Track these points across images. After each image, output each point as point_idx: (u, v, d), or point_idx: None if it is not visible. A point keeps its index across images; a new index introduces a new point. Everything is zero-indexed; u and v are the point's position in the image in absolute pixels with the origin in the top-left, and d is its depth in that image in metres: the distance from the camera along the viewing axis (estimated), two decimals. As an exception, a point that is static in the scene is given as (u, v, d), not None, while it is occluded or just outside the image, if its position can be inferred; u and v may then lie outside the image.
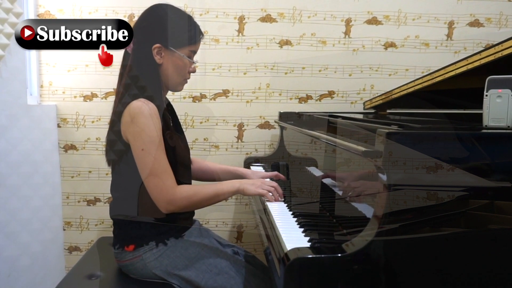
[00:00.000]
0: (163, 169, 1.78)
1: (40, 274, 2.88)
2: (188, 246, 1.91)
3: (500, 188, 1.30)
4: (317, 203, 1.97)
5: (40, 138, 2.92)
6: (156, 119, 1.79)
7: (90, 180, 3.17)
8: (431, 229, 1.29)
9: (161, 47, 1.89)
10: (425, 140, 1.33)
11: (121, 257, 1.92)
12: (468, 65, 1.84)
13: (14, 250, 2.63)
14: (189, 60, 1.95)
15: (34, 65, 3.03)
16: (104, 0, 3.03)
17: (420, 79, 2.26)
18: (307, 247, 1.34)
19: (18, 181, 2.75)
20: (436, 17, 3.13)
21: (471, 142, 1.33)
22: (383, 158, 1.28)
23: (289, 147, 2.85)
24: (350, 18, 3.12)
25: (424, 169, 1.29)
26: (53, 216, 3.08)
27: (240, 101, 3.16)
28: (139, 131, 1.76)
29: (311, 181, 2.23)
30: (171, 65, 1.92)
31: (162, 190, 1.78)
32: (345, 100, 3.19)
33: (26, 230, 2.73)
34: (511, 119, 1.47)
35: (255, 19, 3.09)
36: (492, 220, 1.29)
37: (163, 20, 1.92)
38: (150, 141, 1.76)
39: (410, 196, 1.30)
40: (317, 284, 1.15)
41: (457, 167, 1.29)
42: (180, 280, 1.86)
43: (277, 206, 1.83)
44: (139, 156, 1.78)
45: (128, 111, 1.79)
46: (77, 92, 3.10)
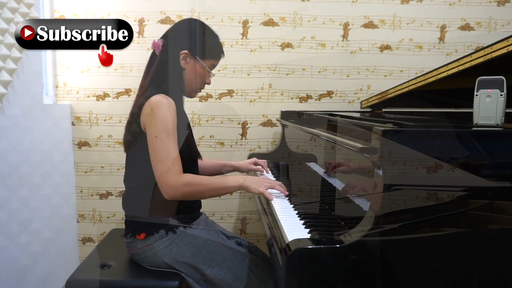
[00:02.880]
0: (171, 156, 1.79)
1: (55, 264, 2.89)
2: (195, 235, 1.92)
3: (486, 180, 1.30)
4: (317, 197, 1.97)
5: (56, 135, 2.92)
6: (173, 112, 1.84)
7: (103, 175, 3.18)
8: (425, 222, 1.29)
9: (188, 54, 1.97)
10: (418, 137, 1.33)
11: (132, 246, 1.93)
12: (459, 67, 1.84)
13: (30, 242, 2.64)
14: (208, 71, 2.03)
15: (49, 66, 3.04)
16: (116, 5, 3.03)
17: (414, 80, 2.26)
18: (307, 238, 1.35)
19: (39, 180, 2.77)
20: (429, 21, 3.13)
21: (462, 139, 1.33)
22: (379, 154, 1.29)
23: (290, 144, 2.85)
24: (348, 22, 3.12)
25: (418, 164, 1.29)
26: (68, 209, 3.09)
27: (244, 100, 3.16)
28: (155, 120, 1.79)
29: (311, 177, 2.23)
30: (193, 72, 2.00)
31: (166, 175, 1.78)
32: (343, 100, 3.19)
33: (39, 220, 2.73)
34: (500, 118, 1.47)
35: (258, 23, 3.09)
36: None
37: (194, 31, 2.01)
38: (164, 130, 1.79)
39: (405, 191, 1.30)
40: (317, 273, 1.16)
41: (449, 163, 1.29)
42: (188, 268, 1.87)
43: (279, 200, 1.83)
44: (152, 142, 1.80)
45: (149, 103, 1.82)
46: (90, 92, 3.10)
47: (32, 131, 2.68)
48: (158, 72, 1.95)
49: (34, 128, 2.70)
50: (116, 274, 1.92)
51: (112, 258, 2.04)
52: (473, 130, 1.44)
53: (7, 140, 2.48)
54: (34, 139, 2.71)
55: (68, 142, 3.07)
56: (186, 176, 1.82)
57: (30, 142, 2.67)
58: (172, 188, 1.78)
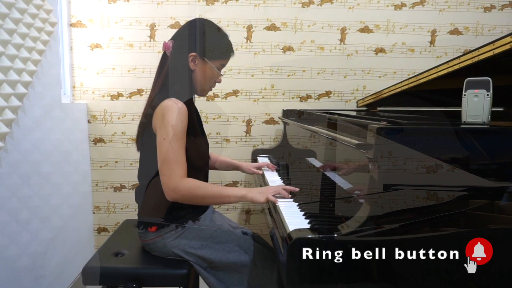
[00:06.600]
0: (176, 159, 1.76)
1: (73, 252, 2.90)
2: (203, 229, 1.91)
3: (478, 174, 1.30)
4: (316, 190, 1.97)
5: (73, 133, 2.93)
6: (184, 117, 1.80)
7: (117, 169, 3.19)
8: (419, 212, 1.30)
9: (196, 56, 1.90)
10: (411, 134, 1.34)
11: (144, 236, 1.93)
12: (448, 68, 1.84)
13: (49, 232, 2.64)
14: (217, 72, 1.96)
15: (67, 68, 3.05)
16: (129, 11, 3.04)
17: (407, 81, 2.26)
18: (307, 228, 1.35)
19: (59, 179, 2.78)
20: (421, 26, 3.12)
21: (451, 136, 1.34)
22: (374, 149, 1.29)
23: (292, 140, 2.85)
24: (345, 27, 3.12)
25: (410, 159, 1.30)
26: (84, 201, 3.11)
27: (248, 100, 3.16)
28: (165, 124, 1.75)
29: (311, 171, 2.23)
30: (201, 73, 1.93)
31: (170, 177, 1.76)
32: (341, 99, 3.19)
33: (57, 215, 2.74)
34: (487, 116, 1.47)
35: (261, 28, 3.09)
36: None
37: (202, 33, 1.94)
38: (173, 133, 1.75)
39: (399, 184, 1.30)
40: (316, 261, 1.16)
41: (439, 158, 1.29)
42: (196, 258, 1.87)
43: (283, 198, 1.81)
44: (160, 144, 1.77)
45: (160, 107, 1.79)
46: (105, 92, 3.11)
47: (51, 130, 2.69)
48: (168, 74, 1.91)
49: (53, 128, 2.71)
50: (129, 261, 1.92)
51: (125, 247, 2.04)
52: (462, 128, 1.44)
53: (29, 141, 2.49)
54: (53, 139, 2.71)
55: (84, 139, 3.08)
56: (189, 180, 1.79)
57: (50, 140, 2.67)
58: (173, 190, 1.76)
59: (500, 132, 1.43)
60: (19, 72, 2.30)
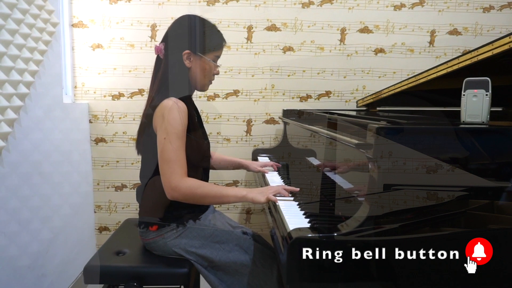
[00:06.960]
0: (177, 158, 1.76)
1: (75, 251, 2.90)
2: (203, 228, 1.91)
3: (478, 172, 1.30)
4: (316, 190, 1.96)
5: (74, 132, 2.92)
6: (184, 116, 1.79)
7: (118, 169, 3.19)
8: (418, 211, 1.29)
9: (190, 53, 1.89)
10: (410, 134, 1.33)
11: (145, 235, 1.93)
12: (447, 69, 1.84)
13: (50, 232, 2.64)
14: (214, 64, 1.96)
15: (68, 68, 3.04)
16: (130, 12, 3.03)
17: (406, 81, 2.25)
18: (307, 227, 1.35)
19: (60, 179, 2.77)
20: (420, 27, 3.12)
21: (450, 136, 1.33)
22: (373, 149, 1.29)
23: (292, 140, 2.85)
24: (344, 27, 3.11)
25: (409, 159, 1.29)
26: (85, 201, 3.10)
27: (249, 99, 3.16)
28: (166, 124, 1.75)
29: (311, 171, 2.23)
30: (198, 69, 1.92)
31: (170, 176, 1.75)
32: (341, 99, 3.19)
33: (58, 215, 2.74)
34: (486, 116, 1.47)
35: (262, 28, 3.09)
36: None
37: (191, 29, 1.92)
38: (173, 132, 1.74)
39: (398, 183, 1.30)
40: (316, 260, 1.15)
41: (438, 157, 1.29)
42: (197, 257, 1.87)
43: (283, 197, 1.80)
44: (161, 144, 1.77)
45: (160, 108, 1.78)
46: (106, 92, 3.11)
47: (52, 130, 2.68)
48: (165, 76, 1.90)
49: (55, 128, 2.70)
50: (130, 260, 1.92)
51: (126, 246, 2.04)
52: (461, 127, 1.44)
53: (30, 140, 2.48)
54: (54, 138, 2.70)
55: (86, 139, 3.08)
56: (190, 180, 1.78)
57: (50, 142, 2.66)
58: (174, 189, 1.75)
59: (499, 131, 1.43)
60: (21, 72, 2.29)
